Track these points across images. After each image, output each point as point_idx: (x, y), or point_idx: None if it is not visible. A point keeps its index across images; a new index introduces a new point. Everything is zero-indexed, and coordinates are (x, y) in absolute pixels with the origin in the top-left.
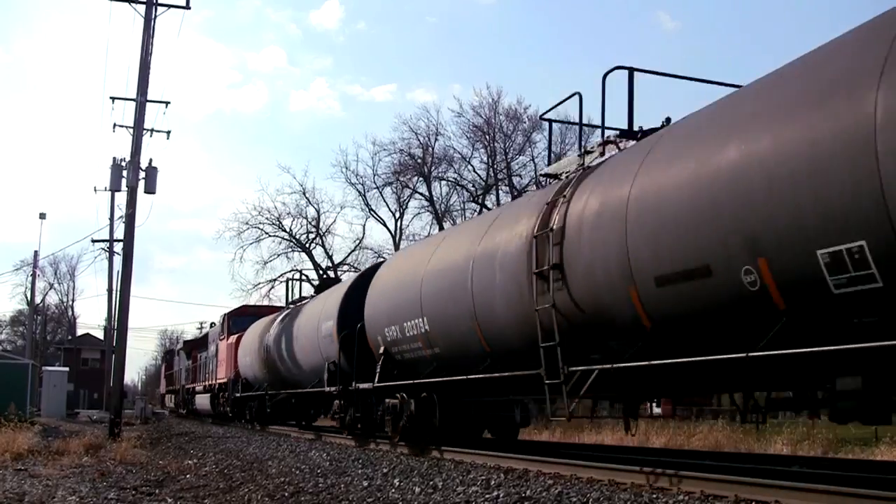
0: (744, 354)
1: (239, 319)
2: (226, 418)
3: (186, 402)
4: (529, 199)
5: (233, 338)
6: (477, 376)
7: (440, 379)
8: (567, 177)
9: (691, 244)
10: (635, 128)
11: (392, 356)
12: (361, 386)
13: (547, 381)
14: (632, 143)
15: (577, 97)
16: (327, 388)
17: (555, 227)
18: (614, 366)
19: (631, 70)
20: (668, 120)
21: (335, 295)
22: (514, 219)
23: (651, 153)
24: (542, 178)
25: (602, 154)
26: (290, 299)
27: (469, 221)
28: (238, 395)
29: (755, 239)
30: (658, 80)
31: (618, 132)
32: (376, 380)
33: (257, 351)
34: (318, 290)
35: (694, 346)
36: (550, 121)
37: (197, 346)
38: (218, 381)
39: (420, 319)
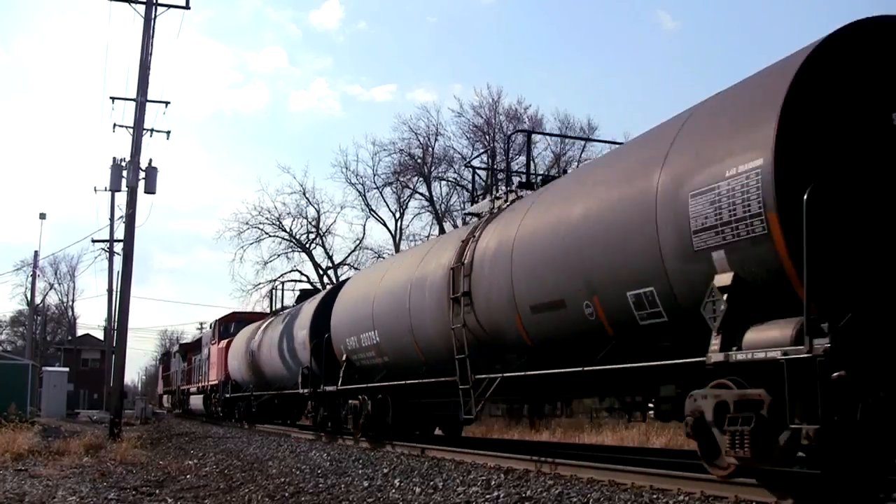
0: (580, 368)
1: (229, 325)
2: (217, 417)
3: (182, 402)
4: (453, 235)
5: (223, 342)
6: (416, 381)
7: (390, 383)
8: (482, 218)
9: (552, 282)
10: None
11: (353, 363)
12: (328, 388)
13: (461, 387)
14: (528, 192)
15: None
16: (301, 390)
17: (466, 261)
18: (504, 375)
19: (529, 132)
20: (564, 171)
21: (309, 307)
22: (441, 251)
23: (534, 204)
24: (465, 216)
25: (506, 201)
26: (273, 307)
27: (412, 249)
28: (228, 395)
29: (591, 281)
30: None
31: (517, 183)
32: (339, 383)
33: (244, 355)
34: (298, 300)
35: (562, 360)
36: (474, 168)
37: (192, 349)
38: (210, 383)
39: (373, 332)
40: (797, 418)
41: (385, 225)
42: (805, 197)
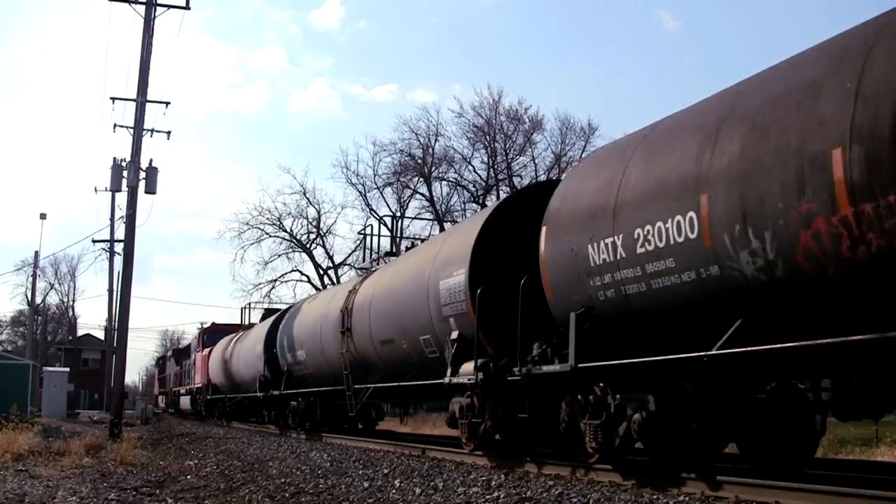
0: (396, 384)
1: (211, 335)
2: (202, 416)
3: (174, 402)
4: (346, 286)
5: (206, 350)
6: (326, 388)
7: (314, 389)
8: (363, 274)
9: (389, 326)
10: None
11: (292, 373)
12: (275, 393)
13: (347, 393)
14: (392, 258)
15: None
16: (258, 394)
17: (349, 306)
18: (369, 386)
19: (389, 218)
20: (422, 240)
21: (265, 326)
22: (339, 297)
23: (387, 268)
24: (358, 270)
25: (379, 263)
26: (242, 322)
27: (325, 292)
28: (209, 397)
29: (404, 327)
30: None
31: (384, 252)
32: (282, 388)
33: (221, 363)
34: (262, 319)
35: (400, 377)
36: (372, 235)
37: (183, 354)
38: (196, 386)
39: (301, 351)
40: (486, 416)
41: (386, 225)
42: (478, 293)
